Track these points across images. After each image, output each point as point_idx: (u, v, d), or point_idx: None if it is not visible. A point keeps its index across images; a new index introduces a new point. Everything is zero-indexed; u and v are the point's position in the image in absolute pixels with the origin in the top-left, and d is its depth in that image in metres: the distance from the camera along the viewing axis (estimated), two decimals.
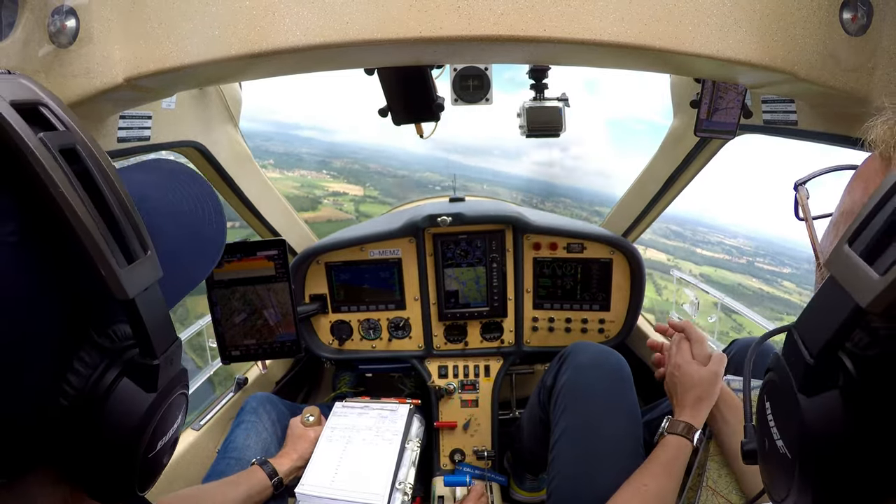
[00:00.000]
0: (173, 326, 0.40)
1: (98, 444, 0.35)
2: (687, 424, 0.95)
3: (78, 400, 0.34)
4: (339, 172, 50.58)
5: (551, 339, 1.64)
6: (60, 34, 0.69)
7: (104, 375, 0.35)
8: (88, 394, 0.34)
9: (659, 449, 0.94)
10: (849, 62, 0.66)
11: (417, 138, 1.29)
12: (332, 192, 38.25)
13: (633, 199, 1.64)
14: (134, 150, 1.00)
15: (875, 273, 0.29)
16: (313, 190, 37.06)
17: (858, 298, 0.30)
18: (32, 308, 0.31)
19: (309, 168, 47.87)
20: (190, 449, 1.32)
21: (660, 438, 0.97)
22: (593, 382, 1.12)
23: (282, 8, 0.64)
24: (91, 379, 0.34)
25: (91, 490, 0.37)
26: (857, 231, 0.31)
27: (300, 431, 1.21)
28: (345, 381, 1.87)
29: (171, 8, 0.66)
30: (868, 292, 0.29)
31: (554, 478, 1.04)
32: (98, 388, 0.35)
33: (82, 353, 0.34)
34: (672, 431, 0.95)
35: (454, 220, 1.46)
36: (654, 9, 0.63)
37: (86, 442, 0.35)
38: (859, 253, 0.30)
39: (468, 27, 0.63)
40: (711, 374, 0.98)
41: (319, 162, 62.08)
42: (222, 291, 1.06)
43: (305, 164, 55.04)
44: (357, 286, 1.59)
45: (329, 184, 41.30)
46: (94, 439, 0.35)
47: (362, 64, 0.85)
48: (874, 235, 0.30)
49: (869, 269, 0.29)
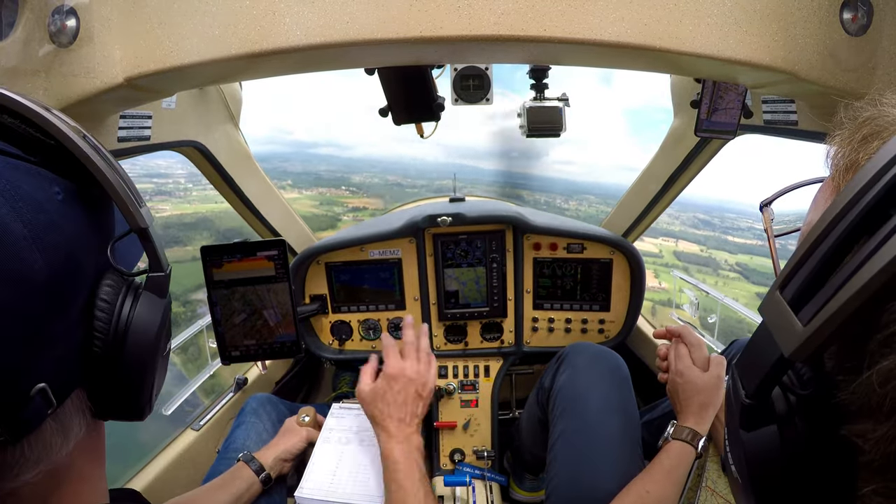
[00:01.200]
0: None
1: (129, 350, 0.44)
2: (691, 431, 0.95)
3: (111, 315, 0.43)
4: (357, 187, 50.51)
5: (551, 339, 1.64)
6: (60, 34, 0.69)
7: (129, 289, 0.45)
8: (120, 307, 0.44)
9: (662, 454, 0.94)
10: (849, 62, 0.66)
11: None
12: (351, 207, 38.24)
13: (633, 199, 1.64)
14: (134, 150, 1.00)
15: (799, 323, 0.29)
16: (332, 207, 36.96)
17: (783, 347, 0.30)
18: (80, 245, 0.41)
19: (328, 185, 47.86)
20: (190, 449, 1.32)
21: (664, 444, 0.97)
22: (591, 383, 1.12)
23: (282, 7, 0.64)
24: (120, 294, 0.44)
25: (111, 406, 0.45)
26: (787, 277, 0.31)
27: (291, 426, 1.21)
28: (345, 381, 1.87)
29: (172, 7, 0.66)
30: (791, 342, 0.29)
31: (552, 479, 1.04)
32: (126, 300, 0.44)
33: (109, 278, 0.44)
34: (677, 437, 0.95)
35: (454, 220, 1.46)
36: (654, 9, 0.63)
37: (119, 351, 0.43)
38: (788, 300, 0.30)
39: (468, 27, 0.63)
40: (714, 379, 0.98)
41: (338, 178, 62.14)
42: (222, 292, 1.06)
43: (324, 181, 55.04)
44: (357, 286, 1.59)
45: (348, 199, 41.20)
46: (126, 346, 0.43)
47: (363, 64, 0.85)
48: (801, 284, 0.30)
49: (794, 319, 0.29)
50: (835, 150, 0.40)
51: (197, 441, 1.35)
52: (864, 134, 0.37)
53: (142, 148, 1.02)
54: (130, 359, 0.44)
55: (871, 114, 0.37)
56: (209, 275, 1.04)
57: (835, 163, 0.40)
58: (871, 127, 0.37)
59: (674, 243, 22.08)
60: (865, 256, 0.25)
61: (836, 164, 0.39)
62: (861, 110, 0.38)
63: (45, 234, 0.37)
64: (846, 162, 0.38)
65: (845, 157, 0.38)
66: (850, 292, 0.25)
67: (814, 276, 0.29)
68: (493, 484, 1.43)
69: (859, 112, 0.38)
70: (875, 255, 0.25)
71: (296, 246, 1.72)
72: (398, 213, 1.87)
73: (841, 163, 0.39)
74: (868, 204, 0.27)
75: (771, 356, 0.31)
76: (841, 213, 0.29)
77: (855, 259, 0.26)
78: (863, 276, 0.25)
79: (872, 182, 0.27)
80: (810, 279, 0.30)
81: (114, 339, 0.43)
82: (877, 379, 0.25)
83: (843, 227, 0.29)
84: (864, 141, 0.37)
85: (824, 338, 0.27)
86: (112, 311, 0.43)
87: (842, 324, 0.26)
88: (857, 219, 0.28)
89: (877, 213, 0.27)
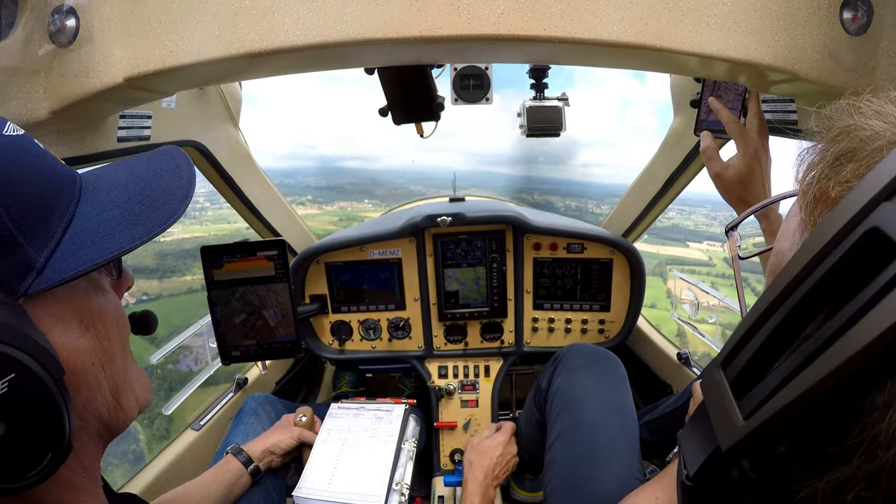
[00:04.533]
0: None
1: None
2: None
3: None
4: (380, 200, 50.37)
5: (551, 339, 1.64)
6: (60, 34, 0.69)
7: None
8: None
9: (673, 465, 0.95)
10: (849, 62, 0.66)
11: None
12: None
13: (633, 199, 1.64)
14: (134, 150, 1.00)
15: (739, 414, 0.24)
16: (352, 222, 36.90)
17: (720, 438, 0.26)
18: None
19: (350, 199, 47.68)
20: (190, 449, 1.32)
21: (673, 458, 0.97)
22: (588, 384, 1.12)
23: (282, 7, 0.64)
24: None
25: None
26: (730, 354, 0.27)
27: (285, 423, 1.21)
28: (345, 380, 1.87)
29: (171, 8, 0.66)
30: (729, 436, 0.25)
31: (550, 480, 1.04)
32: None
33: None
34: None
35: (454, 220, 1.46)
36: (654, 8, 0.63)
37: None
38: (730, 382, 0.26)
39: (468, 27, 0.63)
40: None
41: (362, 191, 61.92)
42: (222, 292, 1.06)
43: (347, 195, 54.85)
44: (357, 286, 1.59)
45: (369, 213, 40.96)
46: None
47: (362, 63, 0.85)
48: (745, 365, 0.26)
49: (734, 408, 0.25)
50: (805, 167, 0.35)
51: (197, 441, 1.35)
52: (837, 152, 0.32)
53: (141, 148, 1.02)
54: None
55: (848, 124, 0.32)
56: (209, 275, 1.04)
57: (802, 186, 0.34)
58: (846, 142, 0.31)
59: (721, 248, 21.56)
60: (825, 341, 0.21)
61: (804, 189, 0.34)
62: (837, 117, 0.33)
63: None
64: (814, 191, 0.33)
65: (814, 182, 0.33)
66: (800, 389, 0.20)
67: (759, 359, 0.25)
68: None
69: (835, 119, 0.33)
70: (839, 341, 0.19)
71: (296, 246, 1.72)
72: (398, 213, 1.87)
73: (808, 189, 0.33)
74: (831, 268, 0.22)
75: (708, 445, 0.28)
76: (796, 280, 0.23)
77: (811, 342, 0.21)
78: (820, 367, 0.20)
79: (837, 239, 0.21)
80: (755, 362, 0.25)
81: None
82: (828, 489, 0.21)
83: (797, 298, 0.23)
84: (837, 162, 0.31)
85: (767, 436, 0.23)
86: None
87: (789, 422, 0.21)
88: (816, 287, 0.22)
89: (843, 279, 0.21)
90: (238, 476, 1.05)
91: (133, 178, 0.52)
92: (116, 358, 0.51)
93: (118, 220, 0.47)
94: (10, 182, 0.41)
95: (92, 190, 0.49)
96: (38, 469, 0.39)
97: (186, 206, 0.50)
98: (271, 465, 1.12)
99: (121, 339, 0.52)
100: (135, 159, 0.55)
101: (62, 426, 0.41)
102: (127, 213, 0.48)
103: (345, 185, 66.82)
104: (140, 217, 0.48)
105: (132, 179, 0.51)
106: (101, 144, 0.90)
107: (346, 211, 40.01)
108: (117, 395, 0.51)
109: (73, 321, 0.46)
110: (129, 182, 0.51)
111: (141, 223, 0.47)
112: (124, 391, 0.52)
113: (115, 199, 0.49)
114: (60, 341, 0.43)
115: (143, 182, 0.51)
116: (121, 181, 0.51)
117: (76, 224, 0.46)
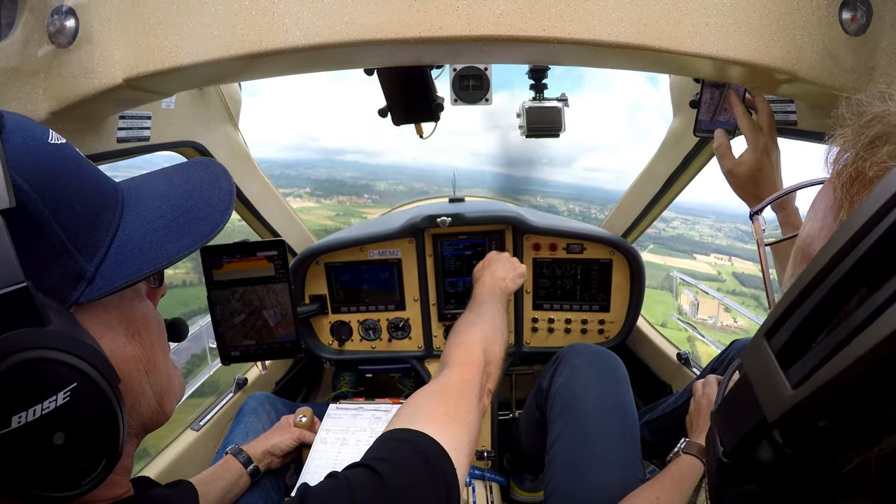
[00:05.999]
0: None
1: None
2: (702, 447, 0.95)
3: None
4: (381, 196, 49.87)
5: (551, 339, 1.64)
6: (60, 34, 0.69)
7: None
8: None
9: (673, 465, 0.95)
10: (848, 62, 0.66)
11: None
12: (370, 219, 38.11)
13: (632, 199, 1.64)
14: (133, 151, 1.00)
15: (788, 384, 0.24)
16: (349, 218, 35.73)
17: (766, 411, 0.25)
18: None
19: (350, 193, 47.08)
20: (190, 449, 1.32)
21: (674, 457, 0.97)
22: (588, 384, 1.12)
23: (281, 8, 0.64)
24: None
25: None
26: (775, 324, 0.26)
27: (285, 424, 1.21)
28: (345, 381, 1.87)
29: (171, 8, 0.66)
30: (777, 407, 0.24)
31: (551, 480, 1.04)
32: None
33: None
34: (688, 452, 0.96)
35: (454, 220, 1.46)
36: (654, 9, 0.63)
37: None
38: (776, 352, 0.25)
39: (468, 27, 0.63)
40: None
41: (362, 186, 61.41)
42: (222, 292, 1.06)
43: (347, 189, 54.27)
44: (357, 287, 1.59)
45: (369, 209, 40.06)
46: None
47: (362, 64, 0.85)
48: (791, 335, 0.25)
49: (782, 379, 0.24)
50: (836, 151, 0.34)
51: (197, 441, 1.35)
52: (871, 135, 0.31)
53: (141, 148, 1.02)
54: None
55: (881, 110, 0.31)
56: (209, 275, 1.04)
57: (836, 168, 0.34)
58: (880, 127, 0.31)
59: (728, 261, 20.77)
60: (876, 308, 0.20)
61: (839, 170, 0.34)
62: (868, 105, 0.33)
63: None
64: (850, 171, 0.32)
65: (849, 163, 0.33)
66: (852, 357, 0.20)
67: (805, 329, 0.24)
68: (492, 484, 1.42)
69: (866, 107, 0.33)
70: (892, 308, 0.19)
71: (296, 246, 1.72)
72: (398, 213, 1.87)
73: (844, 170, 0.33)
74: (881, 239, 0.21)
75: (752, 416, 0.27)
76: (844, 250, 0.23)
77: (863, 309, 0.21)
78: (875, 332, 0.19)
79: (885, 209, 0.21)
80: (804, 329, 0.24)
81: None
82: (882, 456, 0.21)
83: (846, 267, 0.23)
84: (872, 145, 0.31)
85: (819, 406, 0.22)
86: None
87: (840, 391, 0.21)
88: (866, 259, 0.22)
89: (889, 252, 0.21)
90: (237, 476, 1.05)
91: (174, 189, 0.52)
92: (159, 364, 0.51)
93: (164, 231, 0.48)
94: (60, 191, 0.41)
95: (134, 200, 0.50)
96: (91, 476, 0.39)
97: (229, 218, 0.51)
98: (271, 465, 1.12)
99: (161, 346, 0.53)
100: (171, 170, 0.56)
101: (117, 433, 0.41)
102: (172, 224, 0.48)
103: (345, 179, 66.42)
104: (185, 228, 0.49)
105: (173, 190, 0.52)
106: (101, 145, 0.90)
107: (344, 206, 39.58)
108: (161, 399, 0.52)
109: (119, 329, 0.46)
110: (170, 193, 0.52)
111: (186, 234, 0.48)
112: (167, 395, 0.53)
113: (159, 210, 0.49)
114: (109, 350, 0.43)
115: (185, 193, 0.52)
116: (162, 192, 0.52)
117: (122, 234, 0.46)
